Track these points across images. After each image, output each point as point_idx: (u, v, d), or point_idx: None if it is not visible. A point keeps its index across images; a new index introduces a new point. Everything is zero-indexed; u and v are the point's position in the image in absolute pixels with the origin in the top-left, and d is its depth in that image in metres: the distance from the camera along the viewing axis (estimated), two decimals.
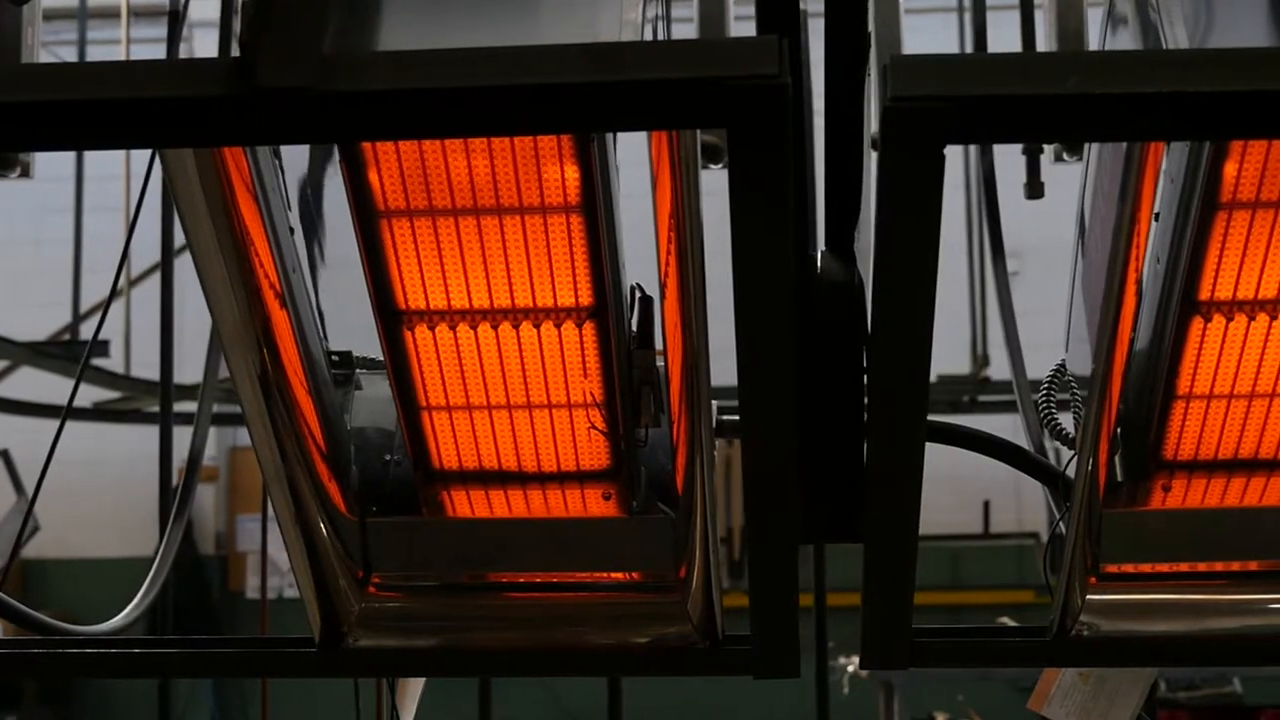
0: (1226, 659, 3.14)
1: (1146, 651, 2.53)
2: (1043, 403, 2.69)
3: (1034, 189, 3.69)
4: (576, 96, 1.84)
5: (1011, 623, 6.52)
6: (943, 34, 9.98)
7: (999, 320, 3.85)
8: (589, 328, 2.31)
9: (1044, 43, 3.29)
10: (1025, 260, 10.60)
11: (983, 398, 9.57)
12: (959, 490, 10.78)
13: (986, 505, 11.43)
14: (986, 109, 1.85)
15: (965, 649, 2.51)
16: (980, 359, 9.50)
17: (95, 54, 9.54)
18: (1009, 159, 3.75)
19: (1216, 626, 2.50)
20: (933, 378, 10.57)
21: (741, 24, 2.58)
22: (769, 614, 2.38)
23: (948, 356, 10.62)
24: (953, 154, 3.81)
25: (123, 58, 7.94)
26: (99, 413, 9.56)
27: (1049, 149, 3.40)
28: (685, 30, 2.69)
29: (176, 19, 4.04)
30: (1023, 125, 1.89)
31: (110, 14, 9.77)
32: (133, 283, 8.37)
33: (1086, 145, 2.80)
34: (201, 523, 12.30)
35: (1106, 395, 2.24)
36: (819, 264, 2.59)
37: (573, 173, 2.17)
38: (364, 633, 2.50)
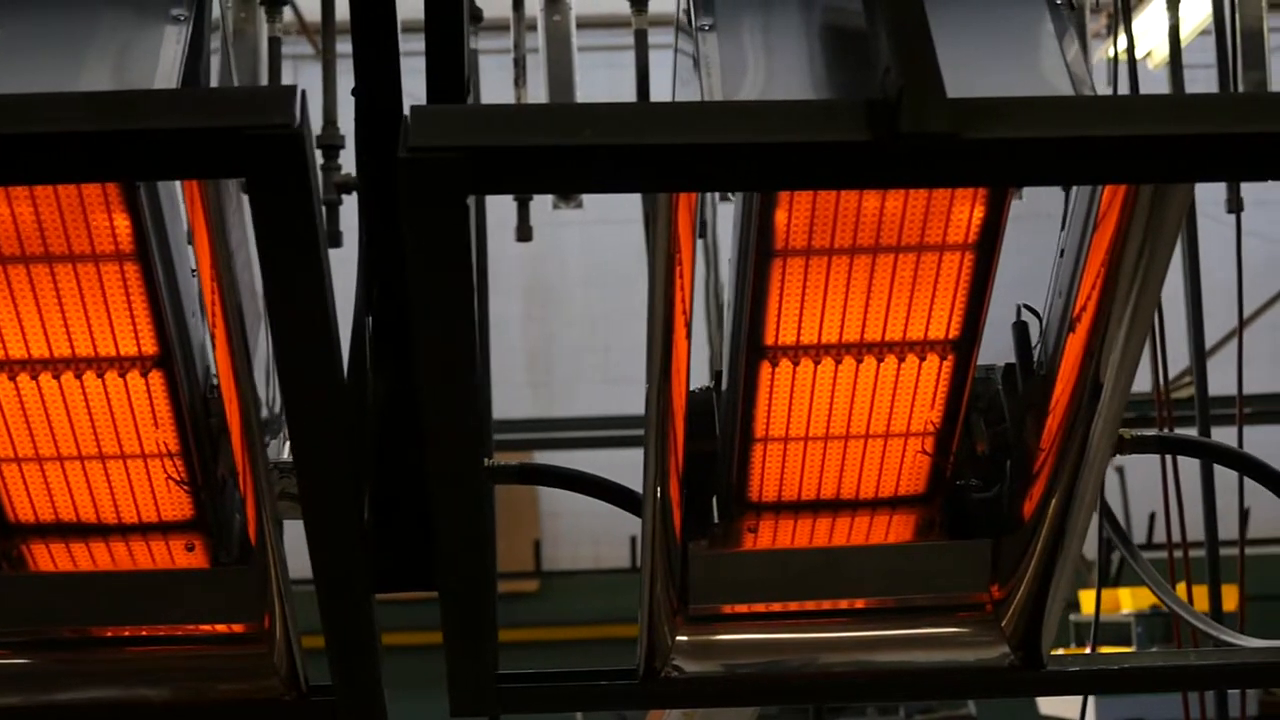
0: (816, 696, 3.18)
1: (734, 690, 2.54)
2: None
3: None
4: (80, 146, 1.80)
5: None
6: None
7: None
8: (155, 376, 2.27)
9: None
10: None
11: None
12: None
13: (634, 541, 11.53)
14: (504, 159, 1.85)
15: (554, 693, 2.50)
16: None
17: None
18: None
19: (805, 663, 2.52)
20: None
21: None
22: (347, 665, 2.36)
23: None
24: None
25: None
26: None
27: None
28: None
29: None
30: (540, 175, 1.90)
31: None
32: None
33: None
34: None
35: (667, 435, 2.25)
36: None
37: (122, 220, 2.13)
38: None
